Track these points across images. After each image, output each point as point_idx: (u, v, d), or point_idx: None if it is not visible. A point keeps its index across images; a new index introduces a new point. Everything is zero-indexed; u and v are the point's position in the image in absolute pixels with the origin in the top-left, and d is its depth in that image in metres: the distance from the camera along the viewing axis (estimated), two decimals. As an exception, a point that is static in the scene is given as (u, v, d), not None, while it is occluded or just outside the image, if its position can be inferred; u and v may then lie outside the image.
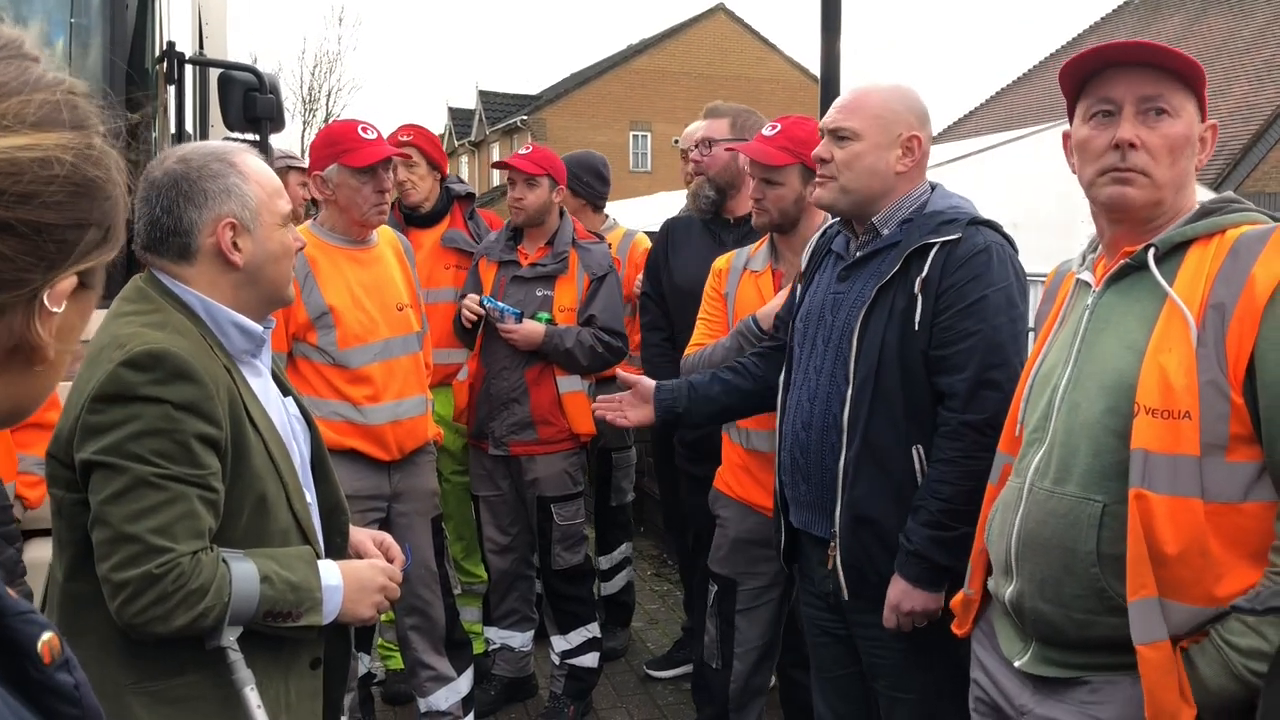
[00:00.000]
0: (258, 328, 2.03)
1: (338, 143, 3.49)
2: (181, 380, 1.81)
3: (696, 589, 4.04)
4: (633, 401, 2.96)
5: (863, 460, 2.52)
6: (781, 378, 2.80)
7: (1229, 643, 1.69)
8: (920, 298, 2.45)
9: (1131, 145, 1.86)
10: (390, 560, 2.25)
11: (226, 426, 1.87)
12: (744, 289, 3.36)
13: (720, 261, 3.49)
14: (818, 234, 2.92)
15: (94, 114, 0.88)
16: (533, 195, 4.04)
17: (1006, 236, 2.56)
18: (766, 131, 3.24)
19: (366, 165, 3.42)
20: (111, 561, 1.77)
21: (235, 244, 1.97)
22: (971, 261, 2.44)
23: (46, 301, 0.84)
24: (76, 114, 0.86)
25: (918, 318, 2.45)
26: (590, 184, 4.88)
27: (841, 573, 2.58)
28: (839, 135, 2.60)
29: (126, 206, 0.92)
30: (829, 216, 3.04)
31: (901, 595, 2.46)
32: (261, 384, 2.06)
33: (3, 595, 0.81)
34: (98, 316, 2.08)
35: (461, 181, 4.73)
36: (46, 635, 0.82)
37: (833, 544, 2.60)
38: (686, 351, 3.43)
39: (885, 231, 2.59)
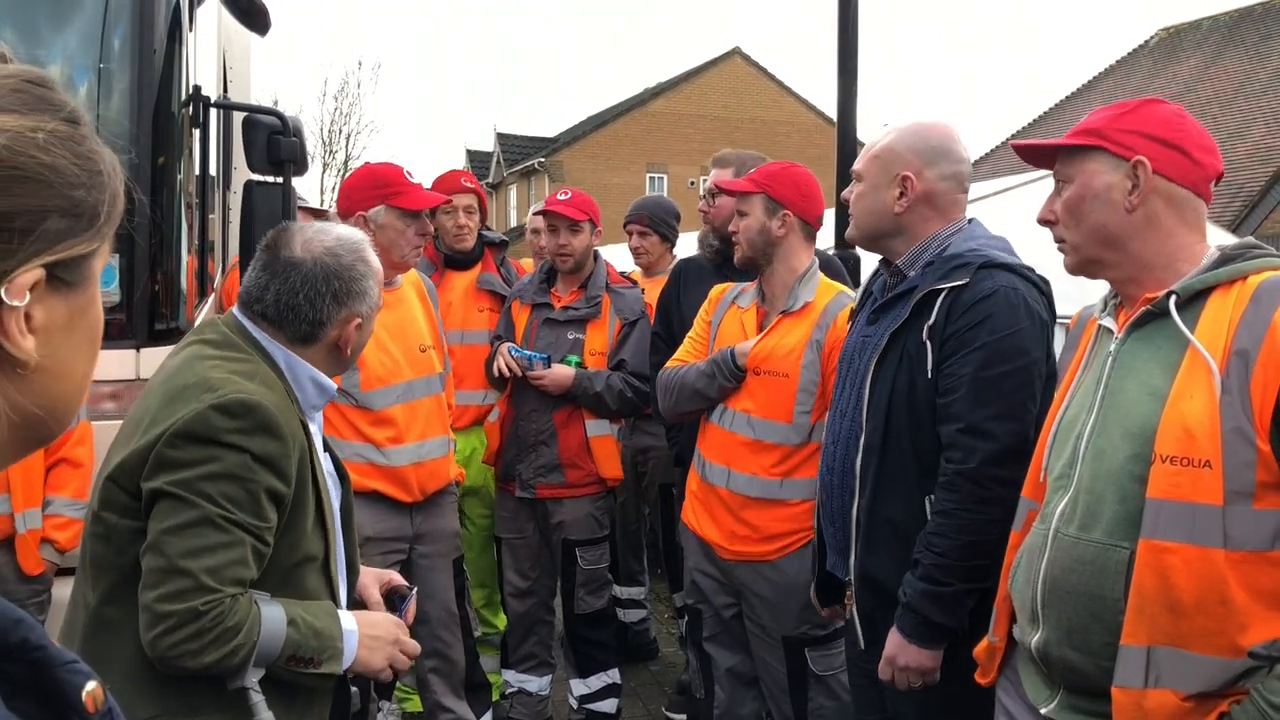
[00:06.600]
0: (333, 385, 2.13)
1: (387, 184, 3.50)
2: (266, 434, 1.87)
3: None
4: None
5: (875, 509, 2.50)
6: (827, 415, 2.81)
7: (1270, 702, 1.65)
8: (929, 345, 2.43)
9: (1046, 222, 2.06)
10: (397, 586, 2.32)
11: (293, 485, 1.92)
12: (728, 321, 3.40)
13: (716, 290, 3.56)
14: (871, 275, 2.89)
15: (55, 101, 0.85)
16: (577, 241, 4.10)
17: (1033, 278, 2.47)
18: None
19: (419, 209, 3.46)
20: (159, 591, 1.79)
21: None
22: (975, 308, 2.38)
23: (4, 296, 0.80)
24: (24, 99, 0.83)
25: (929, 365, 2.43)
26: (674, 227, 5.06)
27: (858, 621, 2.57)
28: (855, 178, 2.67)
29: (116, 198, 0.88)
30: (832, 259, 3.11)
31: (896, 649, 2.40)
32: (319, 439, 2.12)
33: (48, 645, 0.81)
34: (160, 353, 2.09)
35: (489, 229, 4.79)
36: (90, 685, 0.82)
37: (849, 591, 2.59)
38: (667, 364, 3.47)
39: (910, 274, 2.56)
